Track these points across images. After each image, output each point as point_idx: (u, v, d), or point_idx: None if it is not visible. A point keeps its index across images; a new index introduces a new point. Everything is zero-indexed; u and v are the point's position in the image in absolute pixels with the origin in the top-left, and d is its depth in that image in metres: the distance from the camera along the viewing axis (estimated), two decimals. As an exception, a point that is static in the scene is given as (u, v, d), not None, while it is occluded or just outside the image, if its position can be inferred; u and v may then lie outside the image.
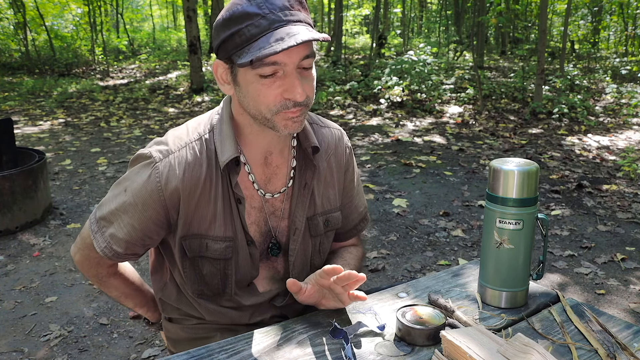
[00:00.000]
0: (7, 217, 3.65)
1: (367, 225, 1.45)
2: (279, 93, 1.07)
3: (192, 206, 1.16)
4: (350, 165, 1.36)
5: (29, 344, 2.50)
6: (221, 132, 1.17)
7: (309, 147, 1.23)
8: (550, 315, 1.19)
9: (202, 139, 1.18)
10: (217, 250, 1.19)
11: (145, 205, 1.15)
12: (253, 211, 1.23)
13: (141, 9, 23.99)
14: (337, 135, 1.34)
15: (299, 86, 1.06)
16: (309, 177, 1.25)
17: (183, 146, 1.16)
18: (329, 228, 1.32)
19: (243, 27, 1.04)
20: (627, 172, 5.16)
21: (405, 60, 9.03)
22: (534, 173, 1.15)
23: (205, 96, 9.43)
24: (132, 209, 1.16)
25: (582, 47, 15.54)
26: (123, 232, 1.18)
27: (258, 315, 1.29)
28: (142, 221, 1.17)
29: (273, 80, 1.06)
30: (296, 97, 1.06)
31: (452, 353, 0.97)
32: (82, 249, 1.28)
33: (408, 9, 19.59)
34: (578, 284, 3.10)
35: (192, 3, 9.65)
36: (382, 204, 4.33)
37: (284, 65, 1.05)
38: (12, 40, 14.21)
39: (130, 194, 1.16)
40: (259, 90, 1.07)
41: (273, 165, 1.23)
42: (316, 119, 1.34)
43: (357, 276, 1.07)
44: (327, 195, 1.31)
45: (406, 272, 3.23)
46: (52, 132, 6.96)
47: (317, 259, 1.33)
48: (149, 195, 1.14)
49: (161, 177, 1.14)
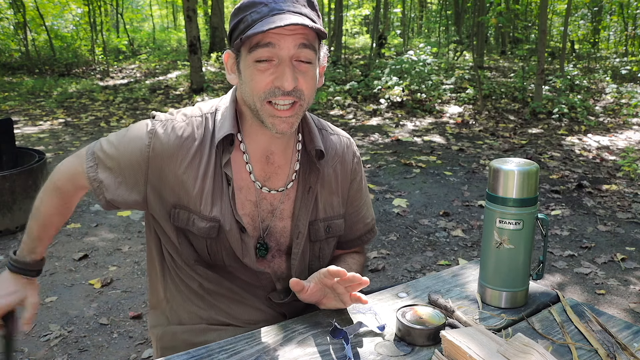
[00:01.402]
0: (7, 217, 3.65)
1: (373, 238, 1.44)
2: (270, 80, 1.10)
3: (174, 174, 1.18)
4: (357, 174, 1.36)
5: (29, 344, 2.50)
6: (224, 114, 1.21)
7: (313, 150, 1.24)
8: (550, 315, 1.19)
9: (204, 117, 1.22)
10: (201, 228, 1.19)
11: (130, 151, 1.20)
12: (248, 204, 1.23)
13: (141, 9, 23.99)
14: (346, 144, 1.35)
15: (289, 74, 1.08)
16: (313, 181, 1.26)
17: (184, 119, 1.21)
18: (330, 235, 1.32)
19: (247, 14, 1.10)
20: (627, 172, 5.16)
21: (405, 60, 9.03)
22: (534, 173, 1.15)
23: (205, 96, 9.43)
24: (118, 151, 1.22)
25: (582, 47, 15.55)
26: (109, 164, 1.23)
27: (258, 311, 1.28)
28: (125, 165, 1.21)
29: (267, 67, 1.09)
30: (284, 85, 1.08)
31: (452, 353, 0.97)
32: (73, 159, 1.34)
33: (408, 9, 19.60)
34: (578, 284, 3.10)
35: (192, 3, 9.64)
36: (382, 204, 4.33)
37: (279, 49, 1.08)
38: (12, 40, 14.21)
39: (126, 137, 1.23)
40: (253, 75, 1.11)
41: (275, 165, 1.24)
42: (326, 125, 1.35)
43: (361, 279, 1.08)
44: (330, 202, 1.30)
45: (406, 272, 3.23)
46: (52, 132, 6.96)
47: (316, 264, 1.33)
48: (138, 149, 1.19)
49: (154, 135, 1.19)
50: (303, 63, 1.10)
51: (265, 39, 1.07)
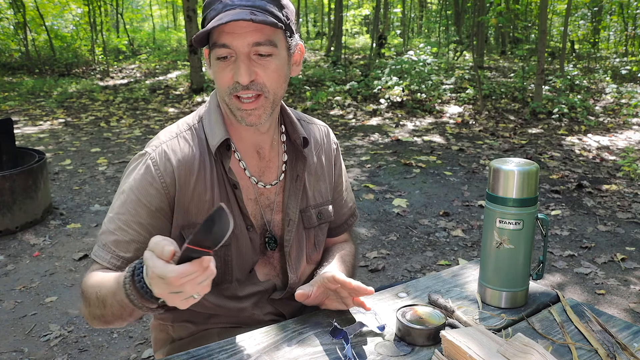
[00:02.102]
0: (7, 217, 3.65)
1: (356, 221, 1.49)
2: (231, 76, 1.12)
3: (189, 193, 1.17)
4: (338, 160, 1.41)
5: (29, 344, 2.50)
6: (210, 119, 1.22)
7: (297, 139, 1.26)
8: (550, 315, 1.19)
9: (192, 128, 1.22)
10: None
11: (148, 196, 1.15)
12: (250, 202, 1.24)
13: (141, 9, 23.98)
14: (324, 132, 1.39)
15: (242, 68, 1.09)
16: (300, 169, 1.28)
17: (174, 137, 1.21)
18: (322, 221, 1.35)
19: (208, 12, 1.12)
20: (627, 172, 5.16)
21: (405, 60, 9.03)
22: (534, 173, 1.15)
23: (205, 96, 9.42)
24: (134, 205, 1.15)
25: (582, 47, 15.54)
26: (129, 234, 1.14)
27: (257, 308, 1.28)
28: (148, 214, 1.15)
29: (227, 64, 1.11)
30: (239, 79, 1.10)
31: (452, 353, 0.97)
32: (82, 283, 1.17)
33: (408, 9, 19.59)
34: (578, 284, 3.10)
35: (192, 3, 9.64)
36: (382, 204, 4.33)
37: (235, 47, 1.09)
38: (12, 40, 14.20)
39: (129, 190, 1.16)
40: (216, 72, 1.14)
41: (266, 159, 1.26)
42: (303, 115, 1.38)
43: (366, 290, 1.10)
44: (318, 189, 1.33)
45: (406, 272, 3.23)
46: (52, 132, 6.96)
47: (313, 252, 1.35)
48: (149, 184, 1.15)
49: (158, 164, 1.16)
50: (263, 57, 1.11)
51: (220, 39, 1.09)
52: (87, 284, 1.13)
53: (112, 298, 1.02)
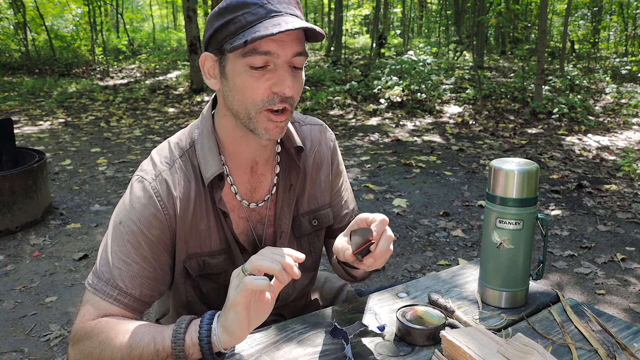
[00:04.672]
0: (7, 217, 3.65)
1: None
2: (268, 86, 1.03)
3: (187, 224, 1.13)
4: (335, 158, 1.33)
5: (29, 344, 2.50)
6: (203, 147, 1.13)
7: (291, 148, 1.21)
8: (550, 315, 1.19)
9: (186, 154, 1.15)
10: (216, 265, 1.17)
11: (150, 227, 1.09)
12: (241, 221, 1.21)
13: (141, 9, 23.99)
14: (320, 130, 1.32)
15: (289, 79, 1.02)
16: (293, 178, 1.23)
17: (171, 165, 1.13)
18: (318, 227, 1.30)
19: (239, 14, 1.01)
20: (627, 172, 5.16)
21: (405, 60, 9.03)
22: (534, 173, 1.15)
23: (205, 96, 9.43)
24: (136, 237, 1.08)
25: (582, 47, 15.55)
26: (133, 269, 1.08)
27: None
28: (151, 246, 1.09)
29: (262, 73, 1.02)
30: (285, 91, 1.03)
31: (452, 353, 0.97)
32: (83, 322, 1.06)
33: (408, 9, 19.60)
34: (578, 284, 3.10)
35: (192, 3, 9.64)
36: (382, 204, 4.33)
37: (276, 57, 1.01)
38: (12, 40, 14.22)
39: (130, 222, 1.09)
40: (246, 82, 1.03)
41: (258, 174, 1.21)
42: (297, 116, 1.31)
43: (383, 219, 1.03)
44: (313, 194, 1.28)
45: (406, 272, 3.23)
46: (52, 132, 6.96)
47: (308, 259, 1.30)
48: (152, 215, 1.09)
49: (161, 195, 1.10)
50: (296, 69, 1.05)
51: (262, 46, 1.00)
52: (109, 341, 1.01)
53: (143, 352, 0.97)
